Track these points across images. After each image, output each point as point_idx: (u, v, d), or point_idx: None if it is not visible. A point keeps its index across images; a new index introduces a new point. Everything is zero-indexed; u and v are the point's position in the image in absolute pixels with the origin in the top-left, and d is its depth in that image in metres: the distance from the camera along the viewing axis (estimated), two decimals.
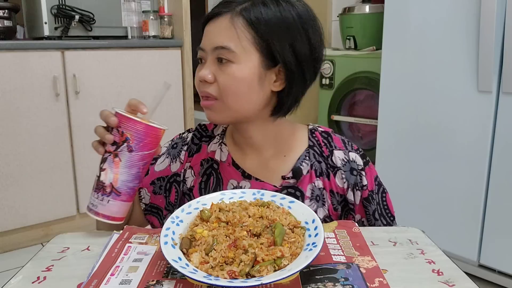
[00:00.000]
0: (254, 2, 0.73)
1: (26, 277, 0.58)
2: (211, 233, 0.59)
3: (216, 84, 0.73)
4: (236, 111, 0.75)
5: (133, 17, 2.51)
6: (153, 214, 0.90)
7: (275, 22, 0.72)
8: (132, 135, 0.64)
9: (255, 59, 0.73)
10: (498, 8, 1.53)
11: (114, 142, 0.65)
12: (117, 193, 0.66)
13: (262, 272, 0.52)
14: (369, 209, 0.83)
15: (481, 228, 1.73)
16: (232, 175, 0.83)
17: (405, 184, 1.92)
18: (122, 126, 0.64)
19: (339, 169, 0.81)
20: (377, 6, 2.24)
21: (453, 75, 1.71)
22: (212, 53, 0.74)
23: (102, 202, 0.67)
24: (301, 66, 0.74)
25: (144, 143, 0.65)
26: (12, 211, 2.08)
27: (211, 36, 0.74)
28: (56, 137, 2.15)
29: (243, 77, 0.72)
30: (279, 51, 0.72)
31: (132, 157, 0.65)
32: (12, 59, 1.99)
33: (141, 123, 0.64)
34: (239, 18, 0.72)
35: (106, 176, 0.66)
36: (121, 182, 0.66)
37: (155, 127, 0.66)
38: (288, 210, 0.65)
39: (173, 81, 2.49)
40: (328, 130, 0.86)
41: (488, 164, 1.67)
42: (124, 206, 0.69)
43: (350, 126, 2.42)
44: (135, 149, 0.65)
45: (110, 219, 0.68)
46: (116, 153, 0.65)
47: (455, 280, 0.57)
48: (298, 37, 0.73)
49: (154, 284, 0.54)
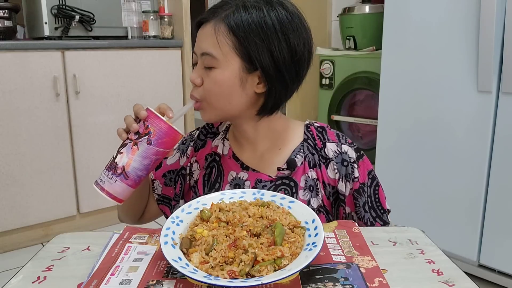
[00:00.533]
0: (237, 7, 0.76)
1: (26, 277, 0.58)
2: (211, 233, 0.59)
3: (202, 87, 0.79)
4: (221, 110, 0.80)
5: (133, 17, 2.51)
6: (165, 204, 0.97)
7: (253, 28, 0.75)
8: (155, 130, 0.71)
9: (235, 64, 0.77)
10: (498, 8, 1.53)
11: (137, 132, 0.72)
12: (126, 176, 0.71)
13: (262, 272, 0.52)
14: (359, 201, 0.84)
15: (481, 228, 1.73)
16: (232, 167, 0.88)
17: (405, 184, 1.92)
18: (149, 121, 0.71)
19: (331, 160, 0.84)
20: (377, 6, 2.24)
21: (453, 75, 1.71)
22: (200, 58, 0.79)
23: (110, 181, 0.71)
24: (279, 70, 0.77)
25: (162, 141, 0.71)
26: (12, 211, 2.08)
27: (199, 42, 0.79)
28: (56, 137, 2.15)
29: (224, 81, 0.77)
30: (257, 57, 0.76)
31: (148, 149, 0.71)
32: (12, 59, 1.99)
33: (165, 123, 0.71)
34: (221, 25, 0.76)
35: (121, 159, 0.71)
36: (132, 168, 0.71)
37: (175, 130, 0.72)
38: (288, 210, 0.65)
39: (173, 81, 2.49)
40: (323, 125, 0.89)
41: (488, 164, 1.67)
42: (127, 190, 0.73)
43: (350, 126, 2.42)
44: (153, 143, 0.71)
45: (111, 197, 0.72)
46: (136, 141, 0.71)
47: (455, 280, 0.57)
48: (275, 42, 0.75)
49: (154, 284, 0.54)
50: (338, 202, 0.86)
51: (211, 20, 0.78)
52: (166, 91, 2.47)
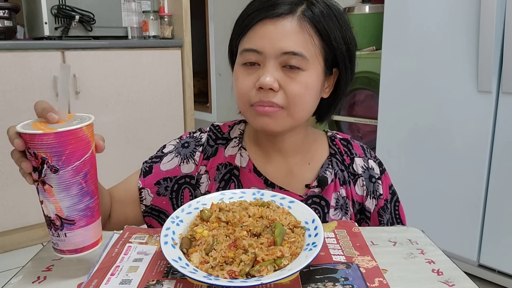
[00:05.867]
0: (310, 1, 0.70)
1: (26, 277, 0.58)
2: (211, 233, 0.59)
3: (283, 93, 0.68)
4: (297, 120, 0.71)
5: (133, 17, 2.51)
6: (153, 217, 0.82)
7: (332, 22, 0.70)
8: (46, 153, 0.50)
9: (320, 67, 0.70)
10: (498, 8, 1.53)
11: (34, 168, 0.52)
12: (70, 222, 0.54)
13: (262, 272, 0.52)
14: (383, 218, 0.82)
15: (481, 228, 1.73)
16: (253, 182, 0.79)
17: (405, 184, 1.92)
18: (32, 147, 0.51)
19: (360, 176, 0.81)
20: (377, 6, 2.24)
21: (453, 75, 1.71)
22: (277, 58, 0.68)
23: (59, 238, 0.55)
24: (352, 70, 0.74)
25: (67, 155, 0.51)
26: (12, 211, 2.08)
27: (275, 40, 0.67)
28: None
29: (313, 85, 0.69)
30: (342, 58, 0.71)
31: (61, 178, 0.52)
32: (12, 59, 1.99)
33: (48, 135, 0.50)
34: (305, 22, 0.68)
35: (47, 208, 0.54)
36: (66, 210, 0.54)
37: (68, 131, 0.51)
38: (288, 210, 0.65)
39: (173, 81, 2.49)
40: (347, 137, 0.85)
41: (488, 164, 1.67)
42: (89, 230, 0.57)
43: (350, 126, 2.42)
44: (60, 167, 0.51)
45: (78, 252, 0.57)
46: (42, 179, 0.52)
47: (455, 280, 0.57)
48: (350, 40, 0.72)
49: (154, 284, 0.54)
50: (362, 218, 0.83)
51: (288, 15, 0.68)
52: (166, 91, 2.47)
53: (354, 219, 0.82)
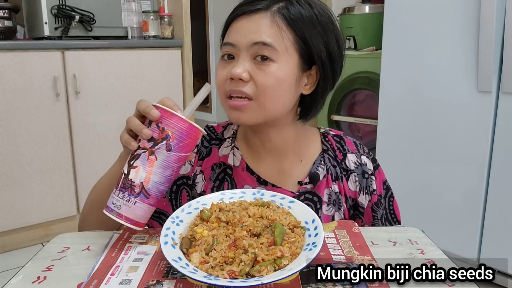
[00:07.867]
0: (289, 1, 0.72)
1: (26, 277, 0.58)
2: (211, 233, 0.59)
3: (253, 83, 0.70)
4: (269, 112, 0.72)
5: (133, 17, 2.51)
6: (154, 218, 0.83)
7: (311, 22, 0.71)
8: (173, 133, 0.58)
9: (294, 60, 0.71)
10: (498, 8, 1.53)
11: (151, 138, 0.59)
12: (146, 195, 0.59)
13: (262, 272, 0.52)
14: (377, 214, 0.82)
15: (481, 228, 1.73)
16: (246, 181, 0.80)
17: (405, 184, 1.92)
18: (164, 122, 0.58)
19: (352, 172, 0.81)
20: (377, 6, 2.24)
21: (453, 75, 1.71)
22: (248, 50, 0.70)
23: (127, 203, 0.59)
24: (333, 67, 0.74)
25: (184, 144, 0.59)
26: (12, 211, 2.08)
27: (246, 32, 0.70)
28: (56, 137, 2.15)
29: (284, 77, 0.70)
30: (317, 53, 0.71)
31: (169, 157, 0.59)
32: (12, 59, 1.99)
33: (185, 121, 0.58)
34: (279, 17, 0.70)
35: (137, 174, 0.59)
36: (152, 183, 0.59)
37: (197, 128, 0.59)
38: (288, 210, 0.65)
39: (173, 81, 2.49)
40: (340, 133, 0.86)
41: (488, 164, 1.67)
42: (149, 210, 0.62)
43: (350, 126, 2.42)
44: (174, 149, 0.58)
45: (133, 224, 0.60)
46: (152, 150, 0.58)
47: (455, 280, 0.56)
48: (330, 37, 0.73)
49: (154, 284, 0.54)
50: (356, 213, 0.84)
51: (262, 11, 0.70)
52: (166, 91, 2.47)
53: (347, 215, 0.82)
